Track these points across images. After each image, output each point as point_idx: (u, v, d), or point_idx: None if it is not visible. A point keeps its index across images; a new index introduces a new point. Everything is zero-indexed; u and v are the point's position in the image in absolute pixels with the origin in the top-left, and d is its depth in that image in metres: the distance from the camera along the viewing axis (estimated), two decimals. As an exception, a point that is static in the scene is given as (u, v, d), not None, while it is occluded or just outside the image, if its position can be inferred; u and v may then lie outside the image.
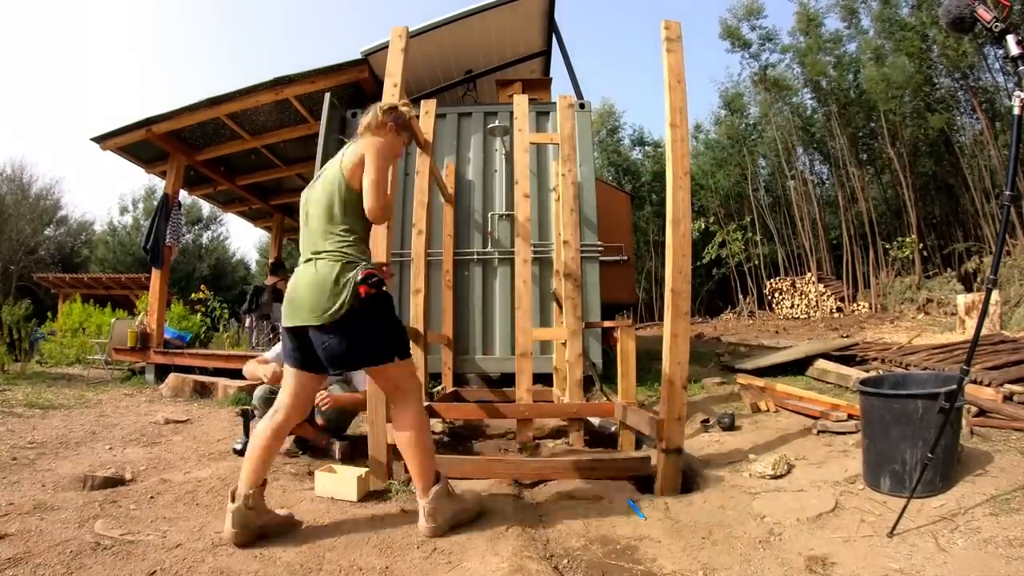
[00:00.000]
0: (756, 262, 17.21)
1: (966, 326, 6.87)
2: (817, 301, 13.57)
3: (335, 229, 1.97)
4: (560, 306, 3.79)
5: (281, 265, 8.61)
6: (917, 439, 2.03)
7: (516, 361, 3.41)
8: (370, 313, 1.89)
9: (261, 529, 1.88)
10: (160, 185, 9.07)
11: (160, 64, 72.77)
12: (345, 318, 1.85)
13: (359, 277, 1.86)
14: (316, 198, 2.05)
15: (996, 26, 1.68)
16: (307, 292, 1.91)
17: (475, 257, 5.03)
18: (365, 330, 1.90)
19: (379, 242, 2.65)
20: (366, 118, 2.16)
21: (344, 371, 2.93)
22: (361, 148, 2.01)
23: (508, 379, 4.53)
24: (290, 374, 2.03)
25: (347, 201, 1.98)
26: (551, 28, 6.68)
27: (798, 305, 14.10)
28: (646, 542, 1.88)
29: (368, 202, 1.94)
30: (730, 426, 3.32)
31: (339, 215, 1.98)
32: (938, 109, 13.77)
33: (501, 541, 1.87)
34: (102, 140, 6.48)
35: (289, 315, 1.96)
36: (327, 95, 5.12)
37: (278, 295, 7.76)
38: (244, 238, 55.44)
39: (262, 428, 1.98)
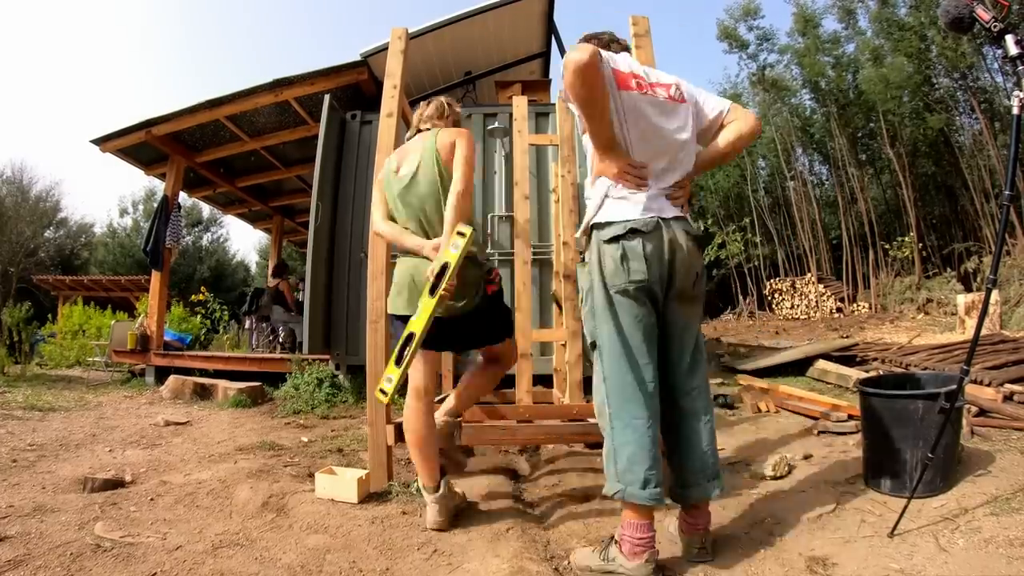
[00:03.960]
0: (756, 263, 17.19)
1: (966, 326, 6.87)
2: (817, 302, 13.57)
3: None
4: (560, 307, 3.79)
5: (284, 267, 8.62)
6: (917, 439, 2.02)
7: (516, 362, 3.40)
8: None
9: (456, 509, 2.08)
10: (160, 187, 9.08)
11: (160, 65, 72.84)
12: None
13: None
14: (422, 192, 2.07)
15: (995, 26, 1.68)
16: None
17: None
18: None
19: (378, 244, 2.65)
20: (429, 109, 2.27)
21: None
22: (450, 136, 2.09)
23: (508, 380, 4.51)
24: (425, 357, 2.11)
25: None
26: (551, 29, 6.68)
27: (798, 306, 14.10)
28: (647, 543, 1.87)
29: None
30: (726, 405, 3.32)
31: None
32: (937, 109, 13.78)
33: (501, 542, 1.87)
34: (102, 142, 6.49)
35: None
36: (326, 97, 5.12)
37: (278, 298, 7.77)
38: (244, 240, 55.37)
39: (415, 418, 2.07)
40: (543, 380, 4.53)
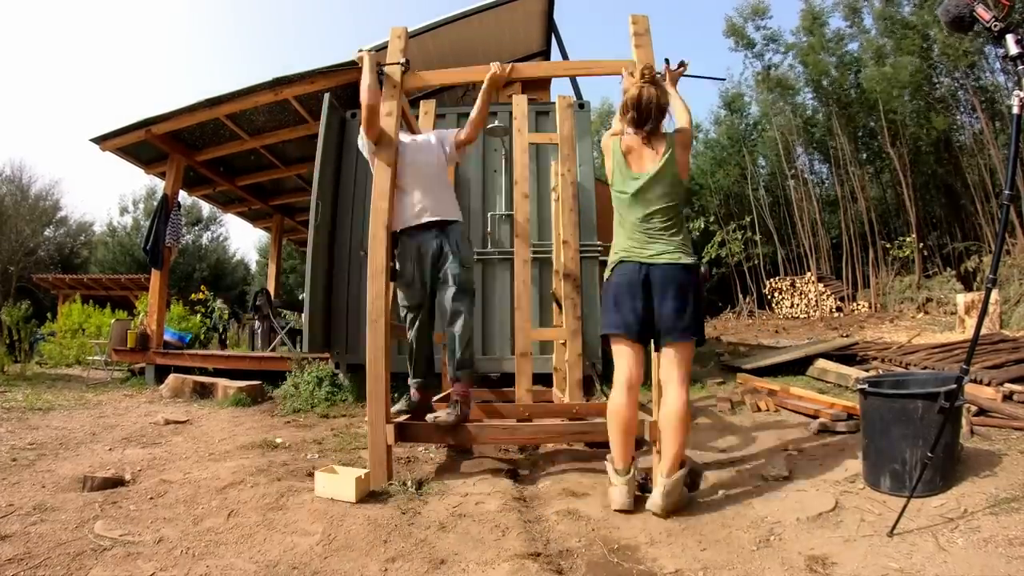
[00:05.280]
0: (756, 262, 17.19)
1: (966, 325, 6.87)
2: (817, 301, 13.58)
3: None
4: (560, 306, 3.79)
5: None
6: (917, 438, 2.03)
7: (516, 361, 3.41)
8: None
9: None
10: (160, 186, 9.07)
11: (160, 64, 72.76)
12: None
13: None
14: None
15: (995, 25, 1.68)
16: None
17: (475, 258, 5.03)
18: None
19: (378, 245, 2.65)
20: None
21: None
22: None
23: (508, 379, 4.53)
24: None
25: None
26: (550, 28, 6.68)
27: (798, 305, 14.10)
28: (647, 542, 1.88)
29: None
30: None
31: None
32: (938, 108, 13.77)
33: (502, 541, 1.87)
34: (101, 141, 6.48)
35: None
36: (326, 96, 5.11)
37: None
38: (244, 239, 55.20)
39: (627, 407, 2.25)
40: (543, 379, 4.53)
